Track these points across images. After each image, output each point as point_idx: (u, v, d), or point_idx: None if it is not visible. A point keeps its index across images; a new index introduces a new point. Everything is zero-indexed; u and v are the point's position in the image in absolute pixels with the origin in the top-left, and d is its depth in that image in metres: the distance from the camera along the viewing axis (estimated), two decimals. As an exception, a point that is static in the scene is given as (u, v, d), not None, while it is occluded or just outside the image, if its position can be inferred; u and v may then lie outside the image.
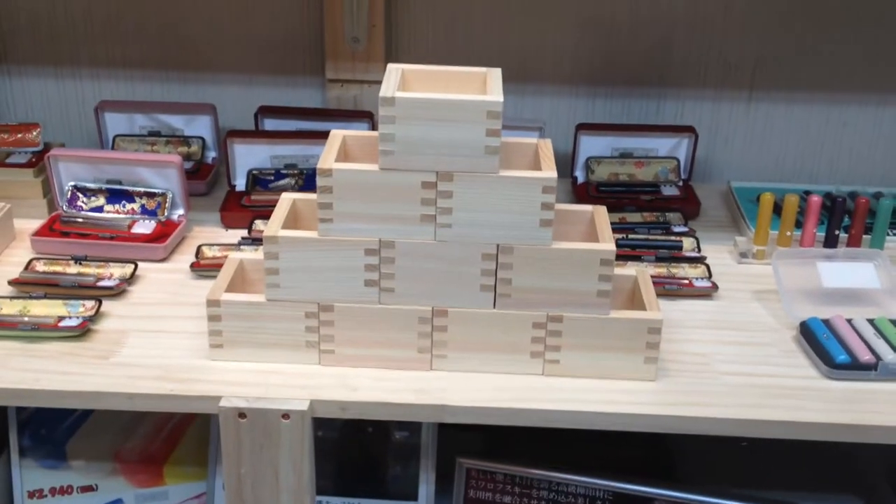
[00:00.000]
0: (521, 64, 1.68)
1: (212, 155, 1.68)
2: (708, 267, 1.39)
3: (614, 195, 1.58)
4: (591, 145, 1.63)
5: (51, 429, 1.52)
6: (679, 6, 1.64)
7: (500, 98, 1.06)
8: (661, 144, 1.64)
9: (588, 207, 1.22)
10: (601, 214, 1.20)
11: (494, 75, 1.14)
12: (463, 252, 1.11)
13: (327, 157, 1.11)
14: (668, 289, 1.33)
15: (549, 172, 1.09)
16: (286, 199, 1.20)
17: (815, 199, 1.41)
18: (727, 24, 1.65)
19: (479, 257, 1.11)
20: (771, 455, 1.60)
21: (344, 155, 1.16)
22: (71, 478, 1.50)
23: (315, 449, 1.14)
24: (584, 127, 1.63)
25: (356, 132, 1.19)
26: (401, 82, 1.10)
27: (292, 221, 1.18)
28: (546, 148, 1.16)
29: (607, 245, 1.12)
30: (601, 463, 1.46)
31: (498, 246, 1.11)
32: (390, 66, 1.14)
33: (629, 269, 1.24)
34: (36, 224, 1.45)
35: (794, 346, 1.24)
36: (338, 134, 1.18)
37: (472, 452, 1.48)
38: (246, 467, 1.12)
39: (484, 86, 1.12)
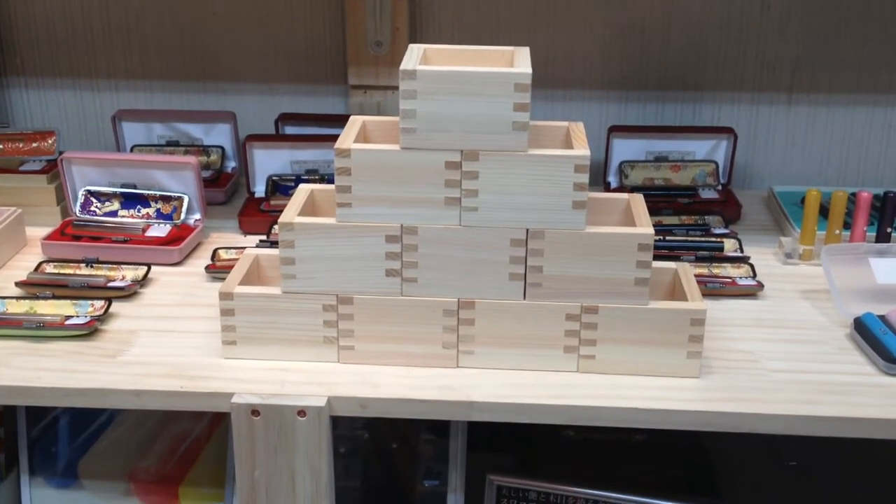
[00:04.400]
0: (549, 68, 1.63)
1: (231, 164, 1.63)
2: (752, 266, 1.31)
3: (650, 199, 1.50)
4: (625, 149, 1.57)
5: (62, 447, 1.46)
6: (713, 5, 1.58)
7: (529, 70, 1.00)
8: (699, 147, 1.57)
9: (623, 195, 1.15)
10: (637, 202, 1.13)
11: (522, 53, 1.08)
12: (490, 238, 1.04)
13: (346, 139, 1.05)
14: (711, 287, 1.25)
15: (582, 150, 1.03)
16: (304, 190, 1.14)
17: (865, 196, 1.33)
18: (764, 24, 1.59)
19: (508, 243, 1.04)
20: (822, 477, 1.50)
21: (363, 139, 1.10)
22: (83, 498, 1.43)
23: (338, 470, 1.07)
24: (616, 129, 1.57)
25: (376, 117, 1.14)
26: (423, 59, 1.05)
27: (310, 212, 1.12)
28: (578, 130, 1.10)
29: (645, 229, 1.05)
30: (640, 481, 1.37)
31: (528, 231, 1.04)
32: (412, 45, 1.09)
33: (668, 263, 1.17)
34: (49, 231, 1.39)
35: (848, 343, 1.16)
36: (357, 119, 1.12)
37: (503, 470, 1.40)
38: (260, 470, 1.04)
39: (511, 64, 1.06)
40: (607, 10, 1.60)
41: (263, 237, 1.39)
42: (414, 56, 1.04)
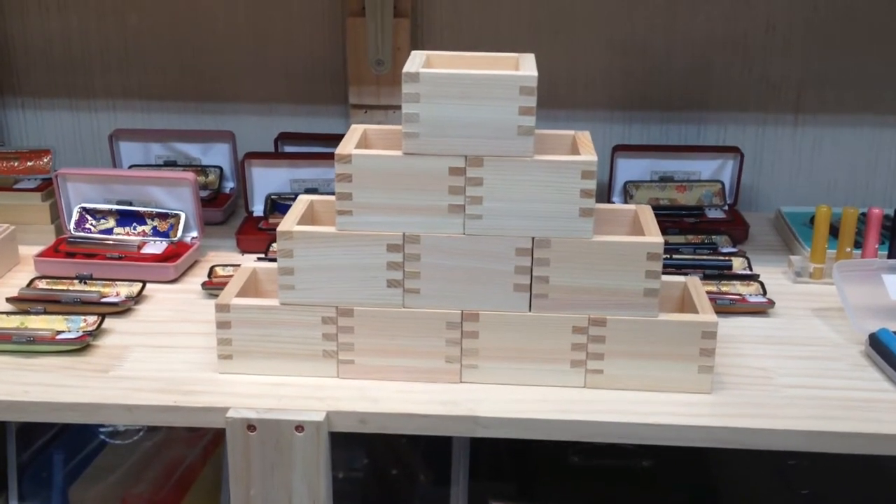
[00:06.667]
0: (551, 89, 1.61)
1: (229, 185, 1.60)
2: (762, 284, 1.28)
3: (656, 219, 1.48)
4: (629, 168, 1.54)
5: (53, 472, 1.42)
6: (718, 25, 1.57)
7: (535, 73, 0.98)
8: (704, 167, 1.55)
9: (631, 206, 1.12)
10: (646, 213, 1.10)
11: (527, 58, 1.06)
12: (495, 247, 1.01)
13: (347, 145, 1.03)
14: (720, 304, 1.22)
15: (589, 156, 1.00)
16: (303, 200, 1.11)
17: (876, 212, 1.30)
18: (769, 44, 1.57)
19: (513, 252, 1.01)
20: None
21: (365, 146, 1.08)
22: (73, 525, 1.39)
23: (337, 495, 1.03)
24: (621, 148, 1.54)
25: (378, 126, 1.11)
26: (426, 64, 1.02)
27: (309, 222, 1.09)
28: (584, 139, 1.07)
29: (655, 238, 1.02)
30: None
31: (533, 239, 1.01)
32: (415, 51, 1.07)
33: (677, 277, 1.14)
34: (42, 248, 1.36)
35: (864, 360, 1.12)
36: (358, 127, 1.10)
37: (505, 496, 1.36)
38: (256, 488, 1.00)
39: (516, 69, 1.04)
40: (610, 30, 1.58)
41: (261, 255, 1.36)
42: (417, 60, 1.02)
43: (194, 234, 1.38)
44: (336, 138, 1.57)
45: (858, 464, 1.15)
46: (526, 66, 1.01)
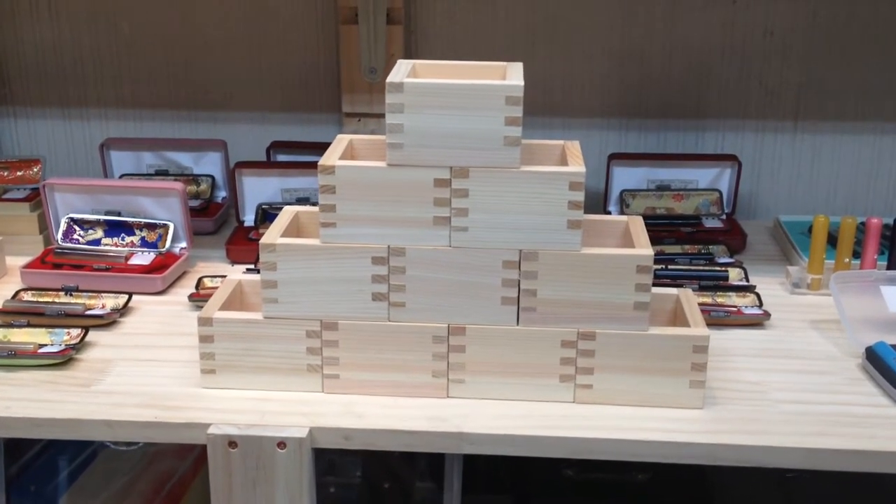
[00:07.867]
0: (547, 96, 1.59)
1: (221, 194, 1.58)
2: (758, 295, 1.26)
3: (652, 228, 1.45)
4: (625, 177, 1.52)
5: (42, 485, 1.41)
6: (714, 31, 1.55)
7: (521, 82, 0.96)
8: (701, 175, 1.53)
9: (622, 217, 1.10)
10: (637, 224, 1.08)
11: (515, 67, 1.04)
12: (481, 259, 0.99)
13: (331, 156, 1.01)
14: (715, 316, 1.20)
15: (577, 167, 0.98)
16: (288, 211, 1.10)
17: (875, 222, 1.28)
18: (767, 50, 1.55)
19: (500, 265, 0.99)
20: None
21: (350, 157, 1.06)
22: (62, 539, 1.38)
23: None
24: (617, 157, 1.52)
25: (364, 136, 1.09)
26: (412, 74, 1.01)
27: (294, 234, 1.07)
28: (574, 149, 1.05)
29: (644, 250, 1.00)
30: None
31: (521, 252, 0.99)
32: (401, 60, 1.05)
33: (670, 289, 1.12)
34: (29, 259, 1.35)
35: (860, 374, 1.10)
36: (344, 137, 1.08)
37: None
38: (237, 505, 0.98)
39: (503, 79, 1.02)
40: (607, 36, 1.56)
41: (251, 266, 1.35)
42: (402, 70, 1.00)
43: (183, 244, 1.36)
44: (328, 147, 1.56)
45: (858, 475, 1.13)
46: (513, 76, 1.00)
